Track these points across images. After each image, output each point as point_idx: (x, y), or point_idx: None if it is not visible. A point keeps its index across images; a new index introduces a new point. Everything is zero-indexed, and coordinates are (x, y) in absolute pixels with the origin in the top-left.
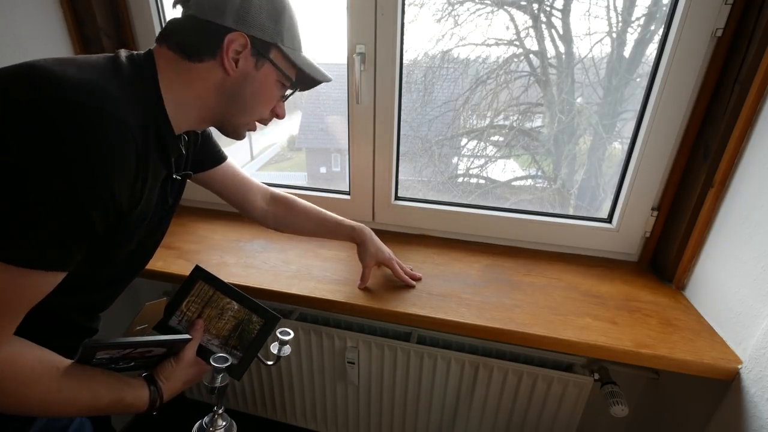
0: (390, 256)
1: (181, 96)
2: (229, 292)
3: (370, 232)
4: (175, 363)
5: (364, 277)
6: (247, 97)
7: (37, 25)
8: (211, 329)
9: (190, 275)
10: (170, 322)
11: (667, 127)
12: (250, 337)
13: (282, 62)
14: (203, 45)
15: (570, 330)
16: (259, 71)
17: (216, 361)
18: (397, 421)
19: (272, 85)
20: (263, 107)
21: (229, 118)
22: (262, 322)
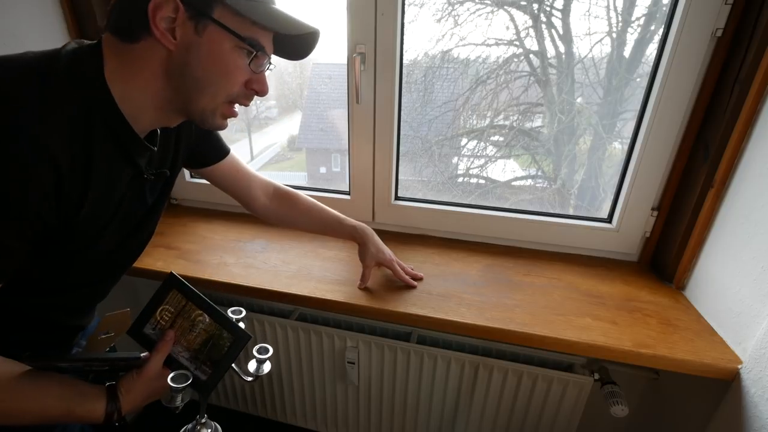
0: (390, 257)
1: (130, 86)
2: (201, 304)
3: (372, 232)
4: (137, 375)
5: (364, 277)
6: (198, 74)
7: (37, 25)
8: (182, 341)
9: (163, 282)
10: (145, 330)
11: (667, 127)
12: (220, 354)
13: (232, 20)
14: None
15: (570, 330)
16: (203, 36)
17: (173, 380)
18: (397, 421)
19: (226, 52)
20: (224, 81)
21: (190, 104)
22: (232, 339)
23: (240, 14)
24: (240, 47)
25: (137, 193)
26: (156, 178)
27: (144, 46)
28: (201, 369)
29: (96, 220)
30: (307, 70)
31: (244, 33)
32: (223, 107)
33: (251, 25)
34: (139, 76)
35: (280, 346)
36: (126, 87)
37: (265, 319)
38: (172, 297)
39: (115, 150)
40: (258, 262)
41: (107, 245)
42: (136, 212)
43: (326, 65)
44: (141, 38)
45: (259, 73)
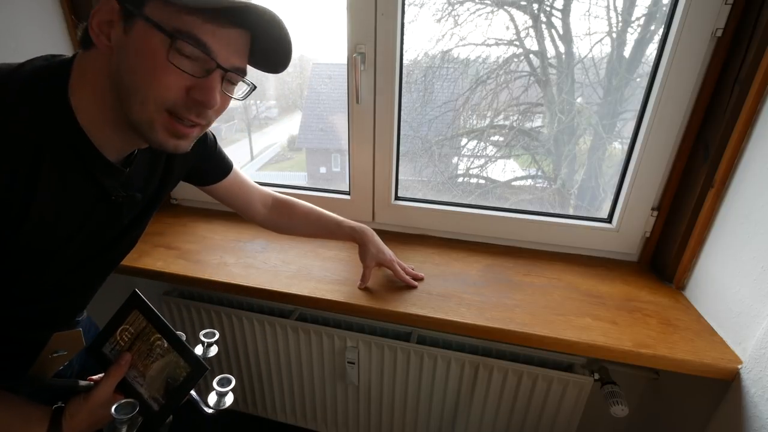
0: (391, 257)
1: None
2: (160, 328)
3: (372, 233)
4: (84, 400)
5: (364, 277)
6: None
7: (37, 25)
8: (140, 365)
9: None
10: (103, 349)
11: (667, 127)
12: (175, 384)
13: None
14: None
15: (570, 330)
16: (130, 35)
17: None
18: (397, 421)
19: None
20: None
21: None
22: (188, 368)
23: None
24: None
25: (108, 214)
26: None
27: (92, 53)
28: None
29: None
30: (307, 70)
31: (173, 24)
32: (160, 119)
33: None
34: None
35: (280, 346)
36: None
37: (265, 319)
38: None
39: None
40: (258, 262)
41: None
42: (104, 233)
43: (326, 65)
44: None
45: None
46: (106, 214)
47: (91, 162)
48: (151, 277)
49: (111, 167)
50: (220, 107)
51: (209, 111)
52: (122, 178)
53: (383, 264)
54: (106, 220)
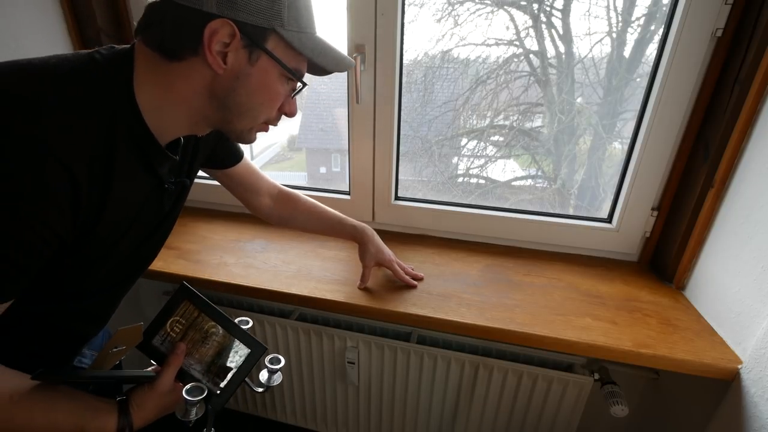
0: (390, 257)
1: (162, 101)
2: (214, 316)
3: (372, 232)
4: (149, 389)
5: (363, 277)
6: (242, 100)
7: (37, 26)
8: (194, 353)
9: (175, 293)
10: (153, 342)
11: (667, 127)
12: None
13: (284, 52)
14: (182, 40)
15: (570, 330)
16: (255, 66)
17: (189, 392)
18: (397, 421)
19: (273, 81)
20: (266, 108)
21: (228, 124)
22: (247, 351)
23: (291, 46)
24: (285, 76)
25: (156, 201)
26: (178, 186)
27: (187, 65)
28: (213, 382)
29: (114, 230)
30: None
31: (292, 65)
32: (257, 127)
33: (298, 55)
34: (176, 93)
35: (280, 346)
36: (158, 100)
37: (265, 319)
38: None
39: (136, 160)
40: (258, 262)
41: (123, 252)
42: (153, 220)
43: None
44: (185, 58)
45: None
46: (156, 202)
47: (150, 152)
48: (151, 276)
49: (166, 156)
50: None
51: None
52: (173, 165)
53: (383, 264)
54: (155, 208)
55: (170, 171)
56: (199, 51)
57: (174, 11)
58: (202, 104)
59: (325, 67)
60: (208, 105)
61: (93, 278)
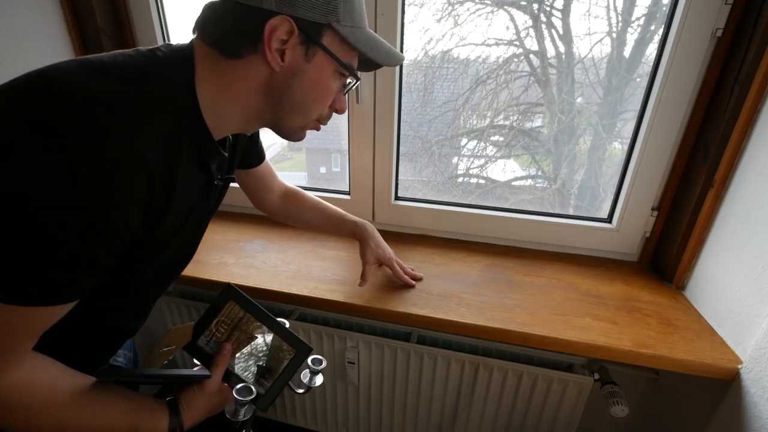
0: (390, 255)
1: (221, 98)
2: (260, 316)
3: (372, 229)
4: (198, 390)
5: (364, 274)
6: (297, 97)
7: (37, 25)
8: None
9: (220, 294)
10: (198, 342)
11: (667, 127)
12: (280, 367)
13: (339, 47)
14: (241, 37)
15: (570, 330)
16: (311, 63)
17: (239, 393)
18: (397, 421)
19: (327, 77)
20: (319, 105)
21: (281, 121)
22: (292, 351)
23: (345, 41)
24: (339, 72)
25: (205, 198)
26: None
27: (246, 62)
28: (259, 382)
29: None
30: None
31: (346, 60)
32: (310, 125)
33: (352, 50)
34: (233, 90)
35: None
36: (216, 98)
37: None
38: (228, 309)
39: (195, 158)
40: (258, 262)
41: (174, 249)
42: (201, 217)
43: None
44: (244, 55)
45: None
46: (205, 198)
47: (206, 150)
48: None
49: (219, 153)
50: None
51: None
52: (222, 162)
53: (382, 261)
54: (204, 205)
55: (218, 168)
56: (259, 48)
57: (234, 9)
58: (257, 102)
59: (378, 62)
60: (263, 102)
61: (144, 275)
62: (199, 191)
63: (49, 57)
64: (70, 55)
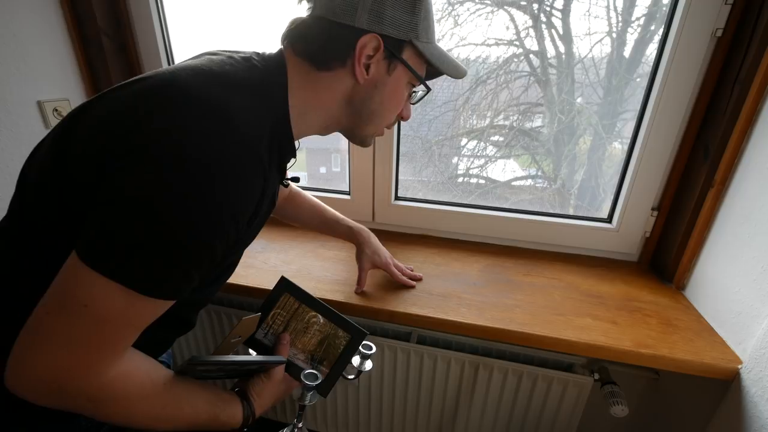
0: (387, 260)
1: (307, 105)
2: (314, 305)
3: (368, 234)
4: (266, 379)
5: (360, 280)
6: (375, 107)
7: (37, 25)
8: (297, 343)
9: (275, 287)
10: (256, 335)
11: (667, 127)
12: (336, 353)
13: (415, 60)
14: (333, 52)
15: (570, 330)
16: (391, 76)
17: (307, 378)
18: (397, 421)
19: (402, 89)
20: (392, 114)
21: (356, 129)
22: (348, 337)
23: (422, 56)
24: (410, 83)
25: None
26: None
27: (334, 74)
28: (318, 369)
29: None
30: None
31: (420, 72)
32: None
33: (423, 63)
34: (319, 98)
35: None
36: (302, 106)
37: None
38: (284, 300)
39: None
40: (258, 262)
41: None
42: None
43: None
44: (333, 68)
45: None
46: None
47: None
48: None
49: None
50: None
51: None
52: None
53: (379, 266)
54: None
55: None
56: (347, 62)
57: (329, 27)
58: (339, 110)
59: (448, 74)
60: (344, 111)
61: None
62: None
63: (49, 57)
64: (70, 55)
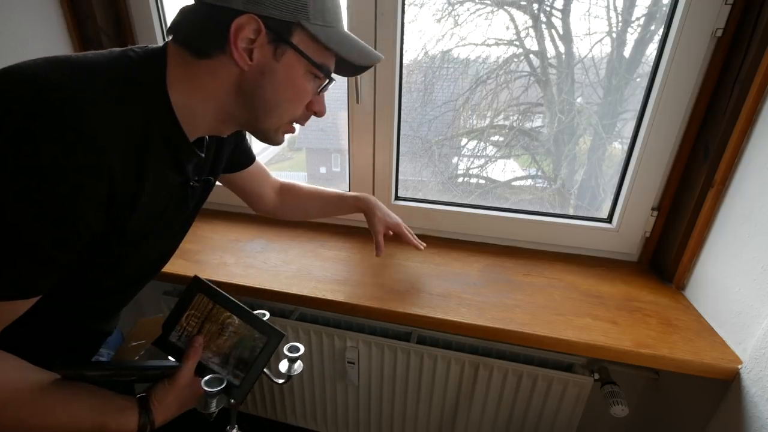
0: (398, 221)
1: (193, 98)
2: (229, 306)
3: (375, 200)
4: (169, 384)
5: (378, 245)
6: (268, 96)
7: (37, 25)
8: (212, 346)
9: (188, 287)
10: (170, 338)
11: (667, 127)
12: (253, 356)
13: (310, 46)
14: (209, 37)
15: (570, 330)
16: (280, 62)
17: (208, 384)
18: (397, 421)
19: (299, 77)
20: (292, 105)
21: (255, 122)
22: (264, 339)
23: (317, 40)
24: (311, 72)
25: (181, 199)
26: (203, 184)
27: (215, 62)
28: (233, 373)
29: (142, 227)
30: None
31: (318, 60)
32: (284, 126)
33: (324, 50)
34: (203, 90)
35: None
36: (189, 98)
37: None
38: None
39: (168, 157)
40: (258, 262)
41: (145, 250)
42: (177, 218)
43: None
44: (213, 55)
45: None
46: (181, 200)
47: (180, 149)
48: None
49: (194, 153)
50: None
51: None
52: (199, 163)
53: (391, 228)
54: (180, 206)
55: (195, 169)
56: (227, 48)
57: (204, 10)
58: (229, 102)
59: (353, 61)
60: (234, 103)
61: (114, 276)
62: (174, 192)
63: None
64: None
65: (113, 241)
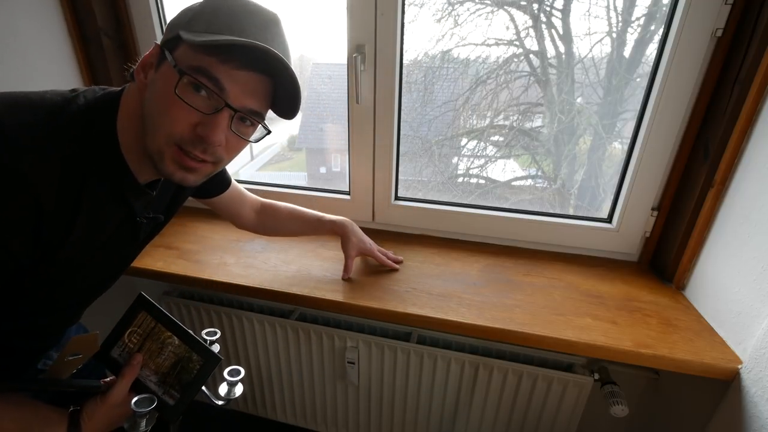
0: (371, 246)
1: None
2: (170, 326)
3: (351, 224)
4: (100, 401)
5: (346, 267)
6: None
7: (37, 25)
8: (151, 364)
9: (132, 304)
10: (112, 353)
11: (667, 127)
12: (189, 377)
13: (187, 55)
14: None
15: (570, 330)
16: (158, 72)
17: (137, 404)
18: (397, 421)
19: (171, 86)
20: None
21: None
22: (201, 361)
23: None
24: (192, 83)
25: (128, 233)
26: (149, 221)
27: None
28: (169, 393)
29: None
30: (307, 70)
31: (188, 63)
32: (169, 151)
33: (204, 56)
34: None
35: (280, 346)
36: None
37: (265, 319)
38: (140, 319)
39: (109, 192)
40: (258, 262)
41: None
42: (121, 250)
43: (326, 65)
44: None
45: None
46: (128, 233)
47: (127, 186)
48: (151, 277)
49: (141, 191)
50: (230, 146)
51: (216, 148)
52: (149, 201)
53: (365, 252)
54: (127, 238)
55: (146, 206)
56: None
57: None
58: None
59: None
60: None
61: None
62: (118, 224)
63: (49, 56)
64: (70, 55)
65: (46, 268)
